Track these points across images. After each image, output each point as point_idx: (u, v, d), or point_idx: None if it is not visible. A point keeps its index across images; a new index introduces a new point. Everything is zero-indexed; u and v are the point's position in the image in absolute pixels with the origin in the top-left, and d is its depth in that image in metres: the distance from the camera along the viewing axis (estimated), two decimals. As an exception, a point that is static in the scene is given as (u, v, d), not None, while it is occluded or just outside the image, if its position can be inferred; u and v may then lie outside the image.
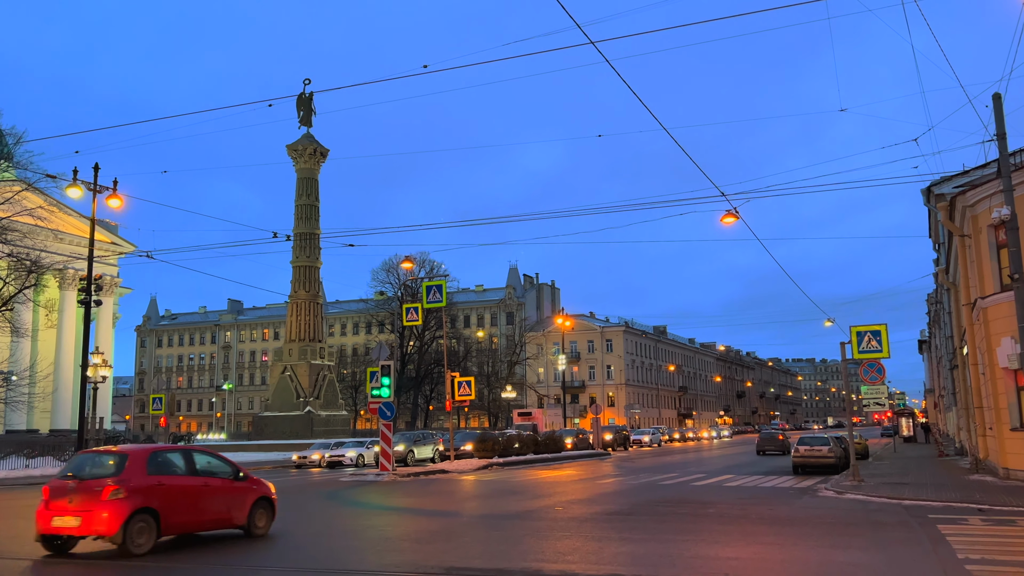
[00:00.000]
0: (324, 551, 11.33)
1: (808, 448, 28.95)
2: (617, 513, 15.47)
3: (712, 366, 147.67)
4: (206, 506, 12.21)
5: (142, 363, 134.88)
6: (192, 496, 12.02)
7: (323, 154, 61.88)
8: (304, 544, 11.90)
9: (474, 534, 12.80)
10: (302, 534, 12.94)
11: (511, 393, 76.85)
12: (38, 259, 47.10)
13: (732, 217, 25.22)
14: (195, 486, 12.13)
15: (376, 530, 13.68)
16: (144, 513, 11.10)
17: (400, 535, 12.91)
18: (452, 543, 11.86)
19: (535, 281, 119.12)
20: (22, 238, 41.62)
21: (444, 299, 28.25)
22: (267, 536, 12.68)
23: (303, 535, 12.82)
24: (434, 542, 12.02)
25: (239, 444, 60.91)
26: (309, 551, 11.27)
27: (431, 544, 11.81)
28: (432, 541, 12.14)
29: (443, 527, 13.82)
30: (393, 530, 13.57)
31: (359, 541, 12.43)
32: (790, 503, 17.72)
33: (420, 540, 12.28)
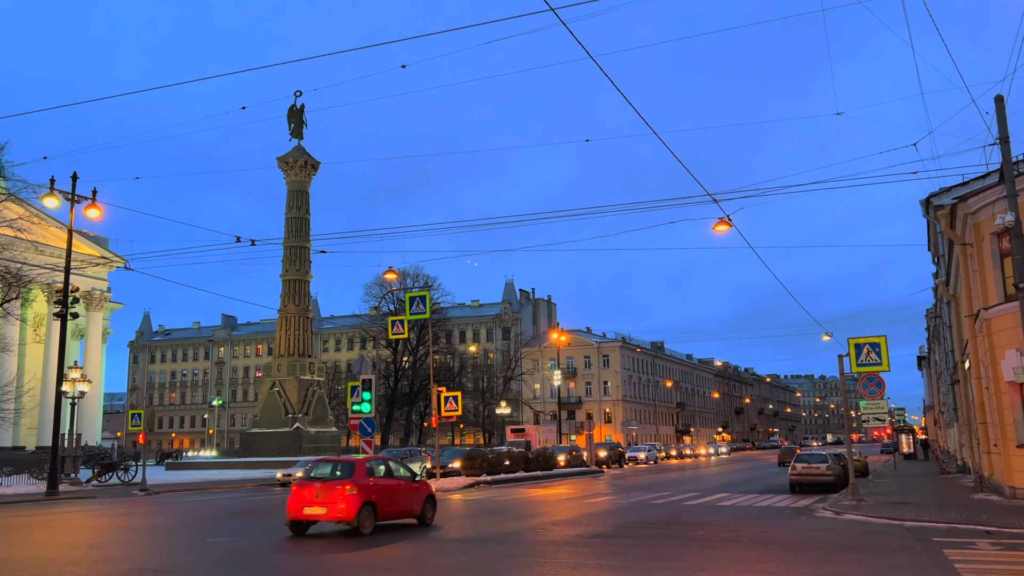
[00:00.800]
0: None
1: (806, 466, 27.93)
2: (600, 536, 14.46)
3: (710, 382, 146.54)
4: (400, 501, 16.18)
5: (135, 379, 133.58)
6: (393, 493, 15.96)
7: (314, 166, 61.11)
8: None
9: (441, 560, 11.80)
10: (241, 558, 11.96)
11: (505, 409, 75.76)
12: (19, 271, 46.17)
13: (725, 225, 24.35)
14: (393, 486, 16.07)
15: (334, 556, 12.67)
16: (368, 505, 15.00)
17: (361, 563, 11.90)
18: (414, 571, 10.87)
19: (531, 296, 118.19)
20: (1, 251, 40.81)
21: (428, 310, 27.30)
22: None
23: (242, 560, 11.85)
24: (394, 570, 11.02)
25: (226, 461, 59.68)
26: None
27: (389, 573, 10.81)
28: (392, 569, 11.14)
29: (410, 553, 12.82)
30: (356, 556, 12.56)
31: (312, 569, 11.42)
32: (785, 525, 16.71)
33: (379, 568, 11.28)
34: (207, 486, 37.87)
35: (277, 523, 17.65)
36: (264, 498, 28.01)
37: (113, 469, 38.44)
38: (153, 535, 15.96)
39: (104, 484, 37.84)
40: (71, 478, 36.03)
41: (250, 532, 16.04)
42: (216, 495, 31.26)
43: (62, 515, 21.26)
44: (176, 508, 23.58)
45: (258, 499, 27.39)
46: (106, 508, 24.10)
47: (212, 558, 12.08)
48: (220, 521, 18.45)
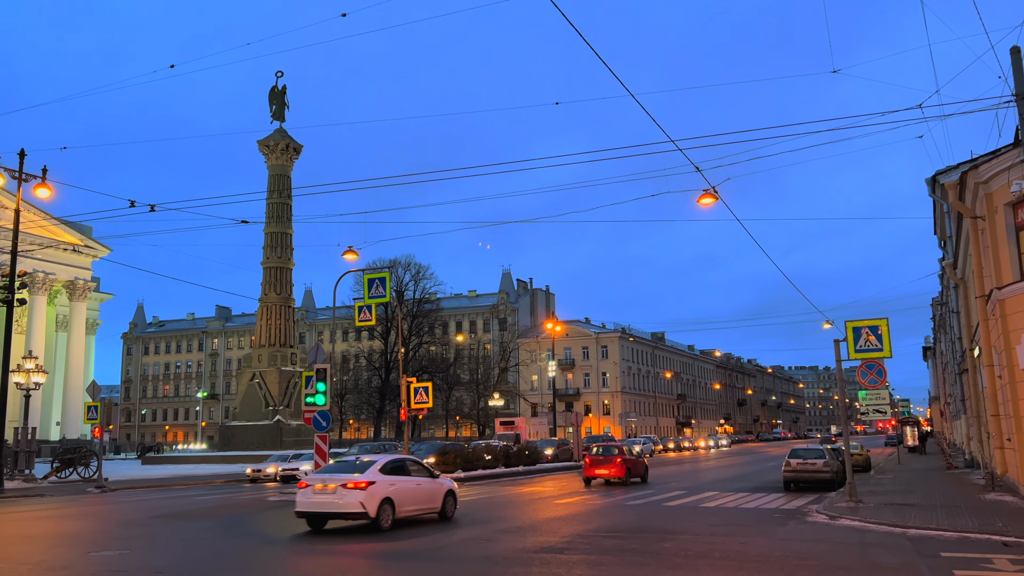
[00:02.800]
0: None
1: (801, 461, 25.72)
2: (549, 549, 12.33)
3: (712, 373, 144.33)
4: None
5: (128, 371, 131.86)
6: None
7: (296, 150, 58.96)
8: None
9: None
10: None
11: (499, 401, 73.71)
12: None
13: (710, 197, 22.14)
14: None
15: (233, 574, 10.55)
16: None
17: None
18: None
19: (529, 286, 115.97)
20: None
21: (388, 294, 25.09)
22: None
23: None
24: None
25: (206, 455, 57.82)
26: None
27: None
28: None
29: (322, 569, 10.69)
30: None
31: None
32: (770, 532, 14.55)
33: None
34: (173, 482, 35.89)
35: (203, 530, 15.55)
36: (222, 496, 25.99)
37: (72, 464, 36.42)
38: (37, 545, 13.87)
39: (63, 480, 35.84)
40: (24, 474, 34.07)
41: (156, 543, 13.95)
42: (174, 492, 29.24)
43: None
44: (110, 509, 21.52)
45: (214, 497, 25.34)
46: (34, 509, 22.06)
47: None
48: (139, 527, 16.35)
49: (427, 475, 17.62)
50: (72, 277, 76.88)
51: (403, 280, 79.69)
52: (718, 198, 21.99)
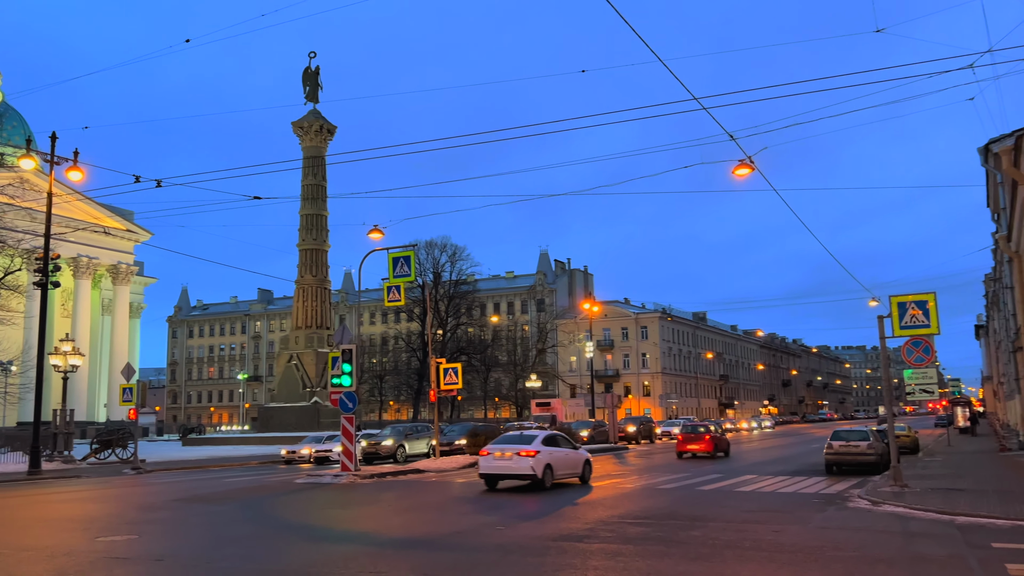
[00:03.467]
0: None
1: (843, 444, 24.68)
2: (568, 537, 11.70)
3: (755, 354, 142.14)
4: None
5: (174, 354, 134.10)
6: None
7: (330, 131, 58.69)
8: None
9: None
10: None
11: (536, 383, 73.07)
12: (19, 242, 44.63)
13: (746, 168, 21.19)
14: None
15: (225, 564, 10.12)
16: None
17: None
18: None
19: (567, 267, 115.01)
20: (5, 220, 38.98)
21: (413, 273, 24.60)
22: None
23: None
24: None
25: (245, 436, 58.32)
26: None
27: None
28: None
29: (330, 558, 10.21)
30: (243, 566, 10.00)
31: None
32: (807, 519, 13.74)
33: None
34: (209, 464, 36.02)
35: (219, 514, 15.22)
36: (251, 478, 25.81)
37: (111, 446, 36.75)
38: (50, 529, 13.65)
39: (102, 462, 36.20)
40: (64, 455, 34.43)
41: (168, 528, 13.64)
42: (206, 474, 29.21)
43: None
44: (137, 491, 21.42)
45: (243, 479, 25.18)
46: (63, 490, 22.07)
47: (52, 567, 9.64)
48: (157, 511, 16.12)
49: (571, 447, 21.80)
50: (115, 261, 77.98)
51: (439, 261, 79.32)
52: (754, 168, 21.04)
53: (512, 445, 19.96)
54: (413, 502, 17.38)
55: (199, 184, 45.17)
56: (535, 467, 19.17)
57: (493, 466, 19.70)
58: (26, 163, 30.50)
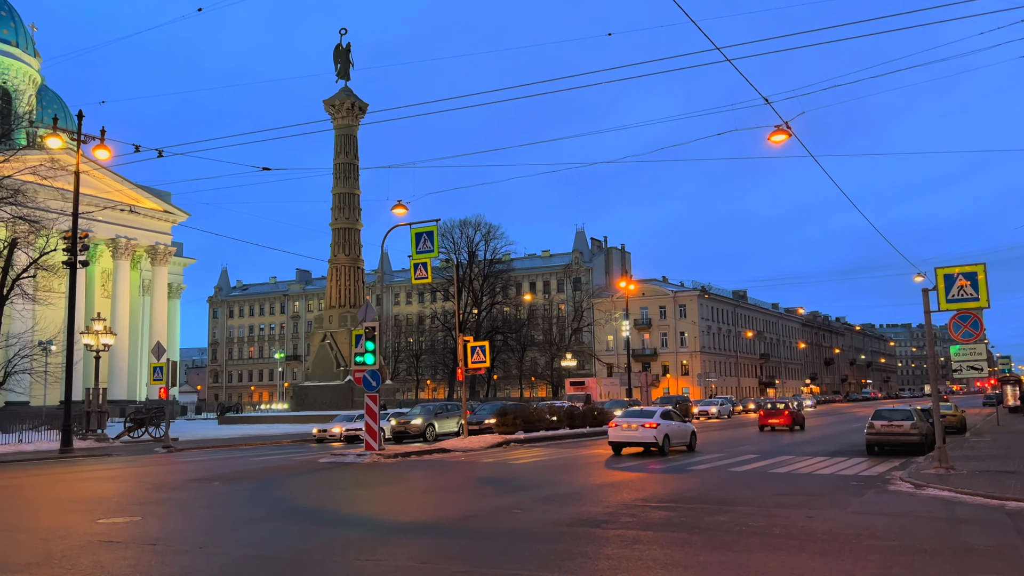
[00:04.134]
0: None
1: (886, 423, 23.61)
2: (586, 522, 11.03)
3: (797, 332, 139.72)
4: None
5: (215, 334, 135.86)
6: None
7: (362, 108, 58.16)
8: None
9: (335, 563, 8.63)
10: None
11: (571, 362, 72.45)
12: (55, 222, 44.95)
13: (783, 134, 20.20)
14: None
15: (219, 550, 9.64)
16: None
17: (240, 560, 8.83)
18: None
19: (603, 245, 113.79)
20: (16, 195, 39.16)
21: (436, 248, 24.00)
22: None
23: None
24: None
25: (281, 415, 58.65)
26: None
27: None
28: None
29: (324, 542, 9.69)
30: (243, 550, 9.51)
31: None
32: (843, 504, 12.90)
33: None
34: (241, 442, 36.06)
35: (231, 495, 14.83)
36: (278, 457, 25.57)
37: (144, 424, 36.95)
38: (55, 510, 13.36)
39: (135, 440, 36.43)
40: (97, 434, 34.67)
41: (174, 509, 13.28)
42: (235, 453, 29.12)
43: (23, 476, 19.12)
44: (157, 471, 21.26)
45: (269, 458, 24.92)
46: (86, 469, 21.99)
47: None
48: (169, 491, 15.82)
49: (681, 421, 25.46)
50: (153, 242, 78.63)
51: (474, 240, 78.81)
52: (791, 134, 20.03)
53: (636, 418, 23.62)
54: (433, 483, 16.86)
55: (205, 155, 44.99)
56: (657, 436, 22.68)
57: (621, 436, 23.06)
58: (53, 142, 30.44)
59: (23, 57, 77.60)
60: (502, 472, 18.88)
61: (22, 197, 42.07)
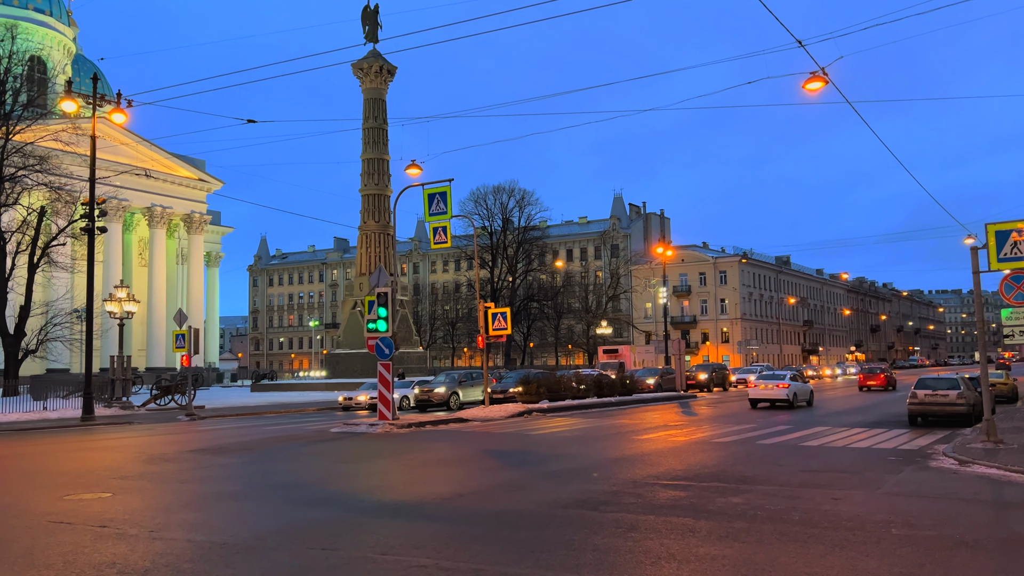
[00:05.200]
0: None
1: (929, 393, 22.09)
2: (584, 503, 9.98)
3: (842, 298, 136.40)
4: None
5: (255, 302, 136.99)
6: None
7: (390, 72, 57.02)
8: None
9: (286, 551, 7.70)
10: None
11: (606, 329, 71.14)
12: (79, 191, 44.80)
13: (819, 81, 18.65)
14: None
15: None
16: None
17: (194, 551, 7.95)
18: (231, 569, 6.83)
19: (642, 211, 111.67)
20: (41, 163, 39.01)
21: (449, 210, 22.92)
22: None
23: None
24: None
25: (312, 382, 58.53)
26: None
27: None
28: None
29: (279, 527, 8.81)
30: (209, 532, 8.64)
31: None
32: (877, 482, 11.67)
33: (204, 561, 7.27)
34: (266, 410, 35.75)
35: (220, 467, 14.07)
36: (293, 426, 24.95)
37: (170, 392, 36.74)
38: (29, 484, 12.70)
39: (162, 408, 36.27)
40: (122, 402, 34.53)
41: (151, 485, 12.55)
42: (255, 421, 28.66)
43: (26, 445, 18.68)
44: (163, 440, 20.69)
45: (283, 427, 24.33)
46: (95, 437, 21.56)
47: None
48: (160, 463, 15.15)
49: (804, 382, 31.64)
50: (188, 211, 78.78)
51: (507, 206, 77.60)
52: (828, 81, 18.46)
53: (771, 380, 29.89)
54: (438, 455, 15.94)
55: (170, 104, 44.26)
56: (788, 394, 28.71)
57: (759, 394, 29.39)
58: (68, 105, 29.90)
59: (56, 26, 77.64)
60: (515, 444, 17.90)
61: (49, 164, 42.09)
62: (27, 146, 40.31)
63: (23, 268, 43.50)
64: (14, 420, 29.35)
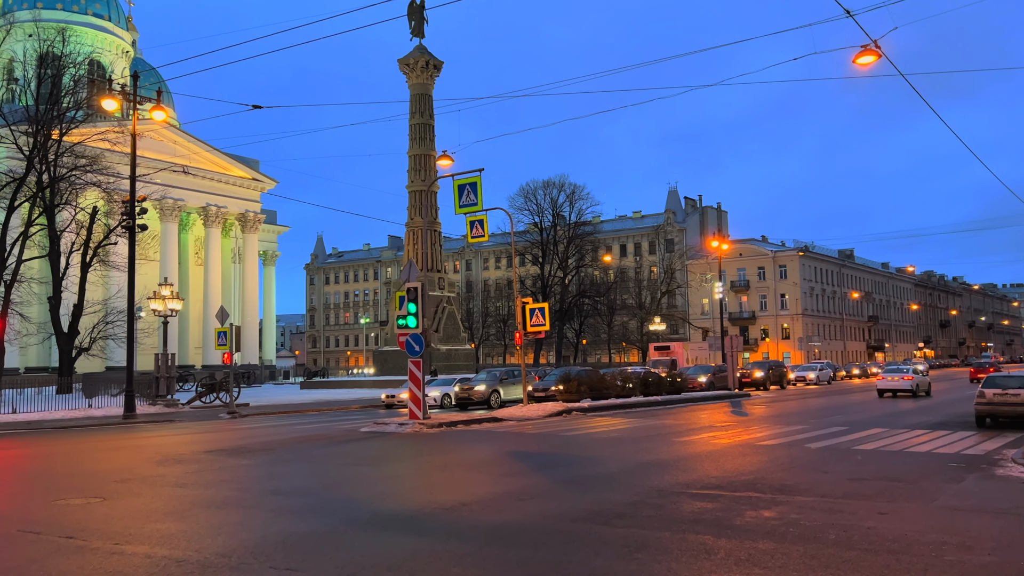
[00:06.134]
0: None
1: (999, 392, 20.40)
2: (596, 517, 9.00)
3: (909, 293, 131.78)
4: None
5: (312, 300, 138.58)
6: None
7: (437, 67, 56.53)
8: None
9: (245, 570, 6.93)
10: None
11: (660, 326, 69.54)
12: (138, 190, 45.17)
13: (871, 55, 17.28)
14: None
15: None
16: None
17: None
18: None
19: (698, 204, 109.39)
20: (91, 163, 39.44)
21: (480, 201, 22.09)
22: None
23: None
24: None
25: (358, 380, 58.53)
26: None
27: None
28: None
29: (250, 542, 8.06)
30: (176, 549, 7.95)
31: None
32: (933, 494, 10.41)
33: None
34: (310, 407, 35.59)
35: (231, 470, 13.48)
36: (326, 424, 24.45)
37: (215, 390, 36.76)
38: (28, 486, 12.26)
39: (207, 405, 36.32)
40: (166, 399, 34.61)
41: (144, 490, 11.98)
42: (292, 419, 28.38)
43: (51, 445, 18.49)
44: (193, 439, 20.32)
45: (316, 426, 23.85)
46: (131, 436, 21.35)
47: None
48: (170, 465, 14.67)
49: (923, 376, 36.62)
50: (243, 210, 79.62)
51: (558, 201, 76.53)
52: (881, 55, 17.07)
53: (896, 373, 35.82)
54: (459, 458, 15.13)
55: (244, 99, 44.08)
56: (911, 385, 34.05)
57: (887, 384, 34.58)
58: (108, 103, 29.99)
59: (113, 30, 79.17)
60: (544, 445, 16.98)
61: (99, 165, 42.61)
62: (76, 146, 40.82)
63: (77, 267, 44.21)
64: (59, 418, 29.55)
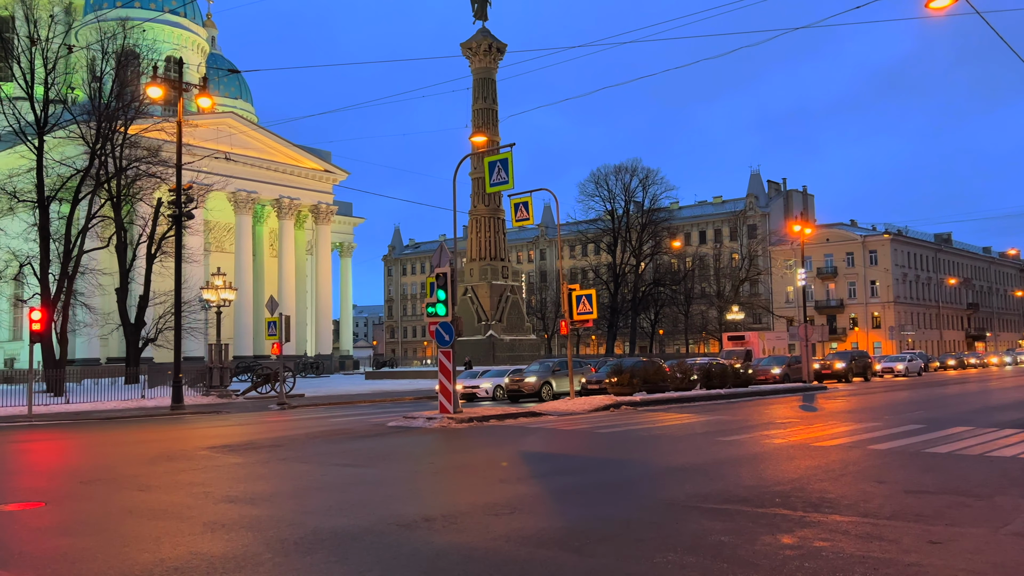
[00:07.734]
0: None
1: (1106, 388, 17.92)
2: (571, 539, 7.48)
3: (1013, 279, 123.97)
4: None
5: (389, 291, 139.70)
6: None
7: (500, 50, 55.32)
8: None
9: None
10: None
11: (738, 315, 66.70)
12: (211, 184, 45.47)
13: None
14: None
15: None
16: None
17: None
18: None
19: (782, 187, 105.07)
20: (154, 154, 39.64)
21: (511, 180, 20.62)
22: None
23: None
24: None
25: (419, 371, 58.02)
26: None
27: None
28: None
29: (183, 560, 6.86)
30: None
31: None
32: (1007, 514, 8.44)
33: None
34: (362, 399, 35.08)
35: (221, 468, 12.48)
36: (364, 417, 23.53)
37: (270, 380, 36.51)
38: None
39: (263, 396, 36.13)
40: (219, 389, 34.48)
41: (92, 495, 11.02)
42: (339, 411, 27.79)
43: (80, 436, 18.00)
44: (216, 432, 19.62)
45: (352, 419, 22.93)
46: (165, 428, 20.81)
47: None
48: (165, 463, 13.78)
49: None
50: (315, 202, 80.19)
51: (631, 187, 74.28)
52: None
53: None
54: (464, 459, 13.78)
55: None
56: None
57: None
58: (153, 91, 29.77)
59: (190, 27, 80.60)
60: (569, 446, 15.46)
61: (161, 157, 42.96)
62: (140, 138, 41.15)
63: (143, 259, 44.77)
64: (109, 409, 29.60)
